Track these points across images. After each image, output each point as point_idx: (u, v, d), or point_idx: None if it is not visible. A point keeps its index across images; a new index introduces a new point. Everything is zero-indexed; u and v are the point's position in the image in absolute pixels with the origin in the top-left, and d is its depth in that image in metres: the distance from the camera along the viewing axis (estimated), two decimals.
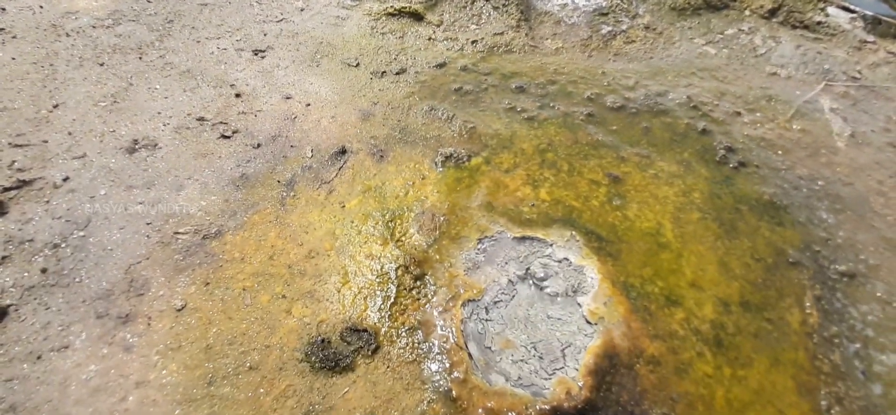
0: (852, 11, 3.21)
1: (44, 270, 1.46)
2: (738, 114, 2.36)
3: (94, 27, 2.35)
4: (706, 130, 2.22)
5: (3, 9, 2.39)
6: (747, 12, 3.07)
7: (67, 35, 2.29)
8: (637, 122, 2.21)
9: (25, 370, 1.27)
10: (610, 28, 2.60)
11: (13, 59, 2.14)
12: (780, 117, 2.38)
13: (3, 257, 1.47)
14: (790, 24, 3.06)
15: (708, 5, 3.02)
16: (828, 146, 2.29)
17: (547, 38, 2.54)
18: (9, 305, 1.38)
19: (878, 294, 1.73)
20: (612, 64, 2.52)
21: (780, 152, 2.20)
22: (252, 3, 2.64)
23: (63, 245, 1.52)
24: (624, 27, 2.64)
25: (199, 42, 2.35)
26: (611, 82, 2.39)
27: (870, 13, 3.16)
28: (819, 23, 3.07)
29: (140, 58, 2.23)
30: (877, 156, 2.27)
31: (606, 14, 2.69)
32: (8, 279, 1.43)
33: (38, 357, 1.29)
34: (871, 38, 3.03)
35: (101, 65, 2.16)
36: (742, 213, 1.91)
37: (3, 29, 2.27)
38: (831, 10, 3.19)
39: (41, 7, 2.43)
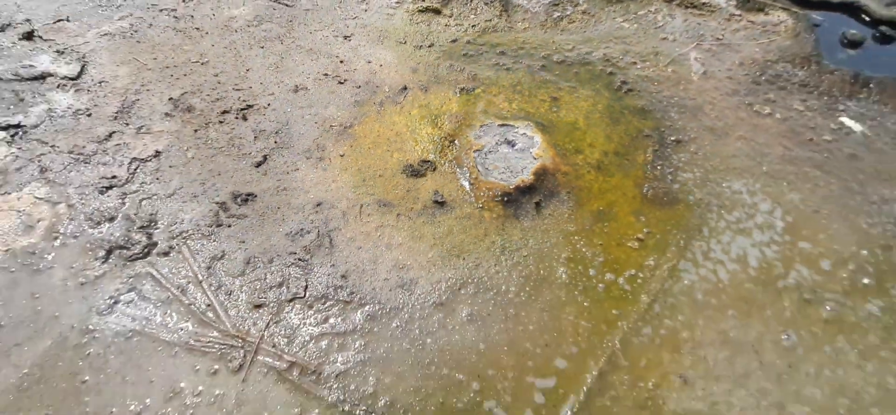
0: None
1: (275, 143, 3.07)
2: (635, 63, 3.92)
3: (248, 26, 3.95)
4: (612, 73, 3.78)
5: (192, 16, 3.99)
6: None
7: (235, 31, 3.89)
8: (571, 69, 3.78)
9: (287, 175, 2.89)
10: (559, 13, 4.16)
11: (212, 46, 3.74)
12: (660, 64, 3.94)
13: (255, 137, 3.09)
14: (684, 5, 4.59)
15: None
16: (686, 80, 3.84)
17: (519, 22, 4.11)
18: (267, 155, 3.00)
19: (692, 150, 3.30)
20: (559, 36, 4.09)
21: (655, 84, 3.76)
22: (336, 7, 4.22)
23: (280, 132, 3.13)
24: (569, 12, 4.20)
25: (311, 33, 3.94)
26: (557, 48, 3.96)
27: None
28: (704, 3, 4.59)
29: (281, 43, 3.82)
30: (717, 85, 3.83)
31: (557, 4, 4.25)
32: (260, 145, 3.05)
33: (286, 172, 2.91)
34: (738, 12, 4.56)
35: (262, 48, 3.76)
36: (625, 114, 3.48)
37: (198, 28, 3.87)
38: None
39: (213, 14, 4.02)
